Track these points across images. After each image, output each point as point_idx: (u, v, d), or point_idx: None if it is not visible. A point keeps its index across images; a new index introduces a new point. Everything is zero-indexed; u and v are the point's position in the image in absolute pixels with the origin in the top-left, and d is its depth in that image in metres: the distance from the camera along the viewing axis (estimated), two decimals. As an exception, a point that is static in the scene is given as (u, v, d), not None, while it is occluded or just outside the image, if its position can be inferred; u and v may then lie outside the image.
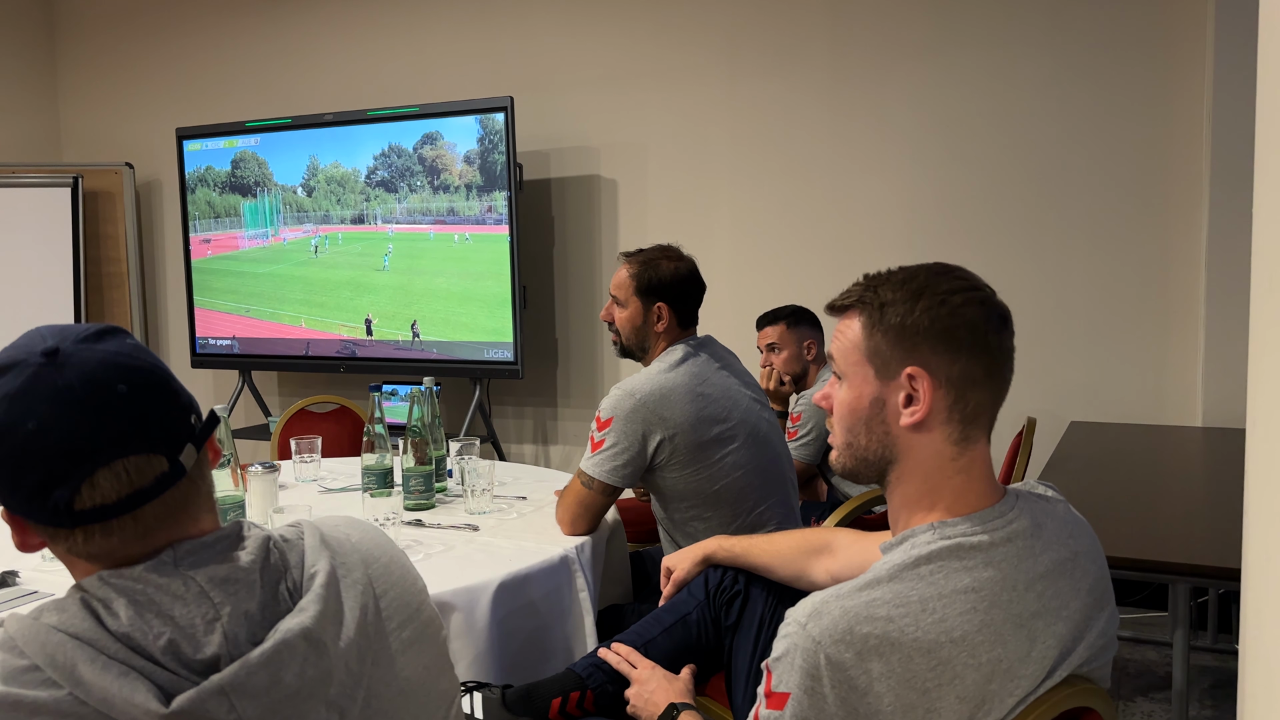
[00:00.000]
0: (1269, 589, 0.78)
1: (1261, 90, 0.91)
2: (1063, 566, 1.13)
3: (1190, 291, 3.64)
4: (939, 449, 1.12)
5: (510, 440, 4.83)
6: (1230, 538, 2.09)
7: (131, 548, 0.83)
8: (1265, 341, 0.84)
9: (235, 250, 4.94)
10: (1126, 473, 2.92)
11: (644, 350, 2.33)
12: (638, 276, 2.28)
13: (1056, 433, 3.51)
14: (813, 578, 1.60)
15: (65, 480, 0.79)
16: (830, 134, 4.12)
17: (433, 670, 0.95)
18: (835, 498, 3.22)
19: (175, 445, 0.84)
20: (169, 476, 0.83)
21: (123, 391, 0.81)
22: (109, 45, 5.54)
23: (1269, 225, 0.83)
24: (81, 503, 0.80)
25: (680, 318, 2.30)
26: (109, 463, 0.80)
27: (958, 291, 1.12)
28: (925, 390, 1.10)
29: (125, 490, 0.81)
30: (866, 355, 1.14)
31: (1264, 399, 0.85)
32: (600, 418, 2.18)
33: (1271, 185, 0.82)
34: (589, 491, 2.15)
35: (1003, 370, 1.14)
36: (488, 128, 4.29)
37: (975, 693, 1.04)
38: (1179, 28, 3.60)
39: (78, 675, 0.75)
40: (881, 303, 1.14)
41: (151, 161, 5.43)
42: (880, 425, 1.14)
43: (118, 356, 0.82)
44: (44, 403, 0.78)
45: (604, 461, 2.15)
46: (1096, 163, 3.74)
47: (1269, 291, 0.78)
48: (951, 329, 1.10)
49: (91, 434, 0.79)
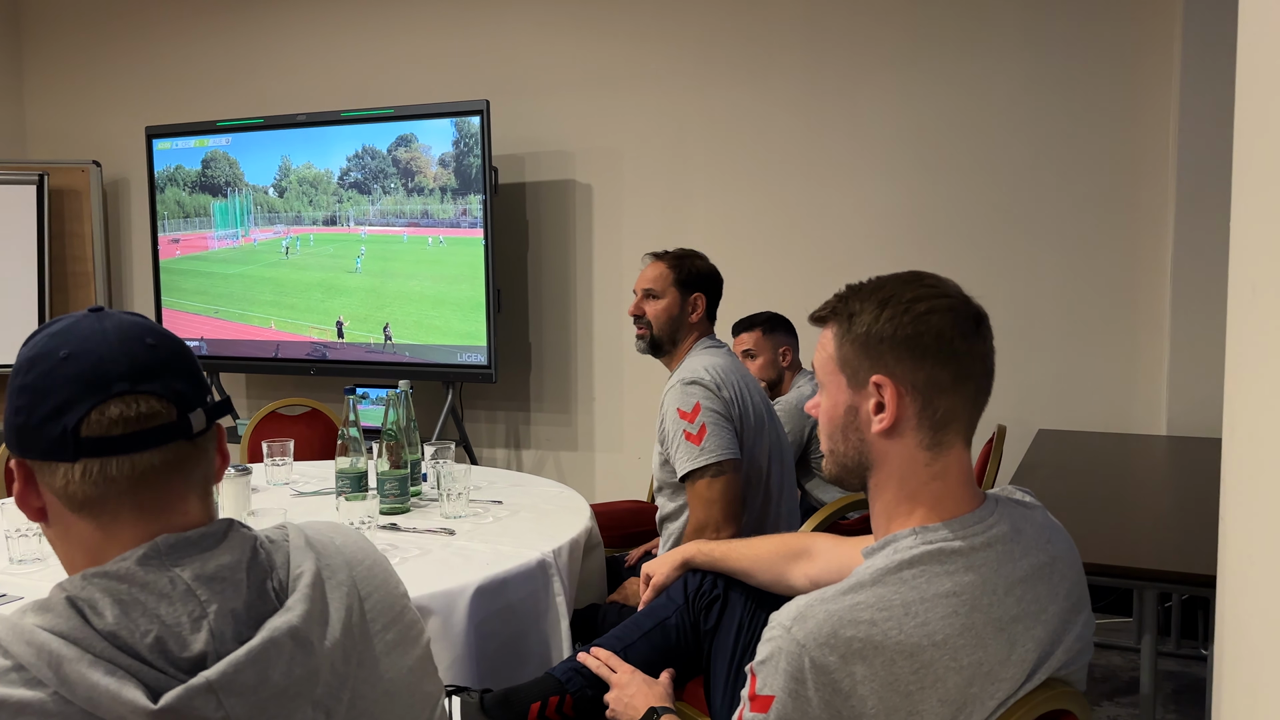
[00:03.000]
0: (1246, 593, 0.80)
1: (1240, 104, 0.93)
2: (1041, 571, 1.15)
3: (1156, 301, 3.70)
4: (912, 454, 1.14)
5: (483, 444, 4.81)
6: (1197, 544, 2.13)
7: (122, 526, 0.83)
8: (1243, 350, 0.86)
9: (205, 251, 4.89)
10: (1094, 480, 2.96)
11: (674, 344, 2.39)
12: (677, 268, 2.38)
13: (1025, 440, 3.56)
14: (791, 582, 1.61)
15: (80, 403, 0.82)
16: (804, 141, 4.15)
17: (416, 673, 0.95)
18: (809, 503, 3.24)
19: (187, 404, 0.87)
20: (174, 428, 0.85)
21: (150, 343, 0.87)
22: (77, 41, 5.47)
23: (1247, 235, 0.85)
24: (89, 428, 0.82)
25: (709, 312, 2.41)
26: (123, 395, 0.83)
27: (922, 299, 1.14)
28: (891, 398, 1.13)
29: (132, 427, 0.83)
30: (839, 365, 1.17)
31: (1242, 407, 0.86)
32: (682, 412, 2.19)
33: (1250, 195, 0.84)
34: (724, 477, 2.14)
35: (973, 375, 1.14)
36: (463, 130, 4.28)
37: (957, 695, 1.06)
38: (1147, 41, 3.66)
39: (63, 674, 0.74)
40: (850, 313, 1.16)
41: (119, 160, 5.36)
42: (855, 433, 1.16)
43: (153, 325, 0.90)
44: (78, 338, 0.85)
45: (715, 439, 2.15)
46: (1065, 173, 3.80)
47: (1249, 301, 0.80)
48: (915, 336, 1.12)
49: (114, 363, 0.84)
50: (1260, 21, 0.82)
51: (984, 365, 1.15)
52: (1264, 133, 0.78)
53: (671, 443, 2.20)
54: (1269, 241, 0.71)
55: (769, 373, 3.31)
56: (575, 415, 4.65)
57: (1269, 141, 0.75)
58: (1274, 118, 0.74)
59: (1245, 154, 0.87)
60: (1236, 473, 0.90)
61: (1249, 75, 0.87)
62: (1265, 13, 0.80)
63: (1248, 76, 0.88)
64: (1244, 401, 0.84)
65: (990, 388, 1.17)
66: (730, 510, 2.13)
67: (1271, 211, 0.71)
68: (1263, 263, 0.71)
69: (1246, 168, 0.86)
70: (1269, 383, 0.71)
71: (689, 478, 2.16)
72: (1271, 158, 0.73)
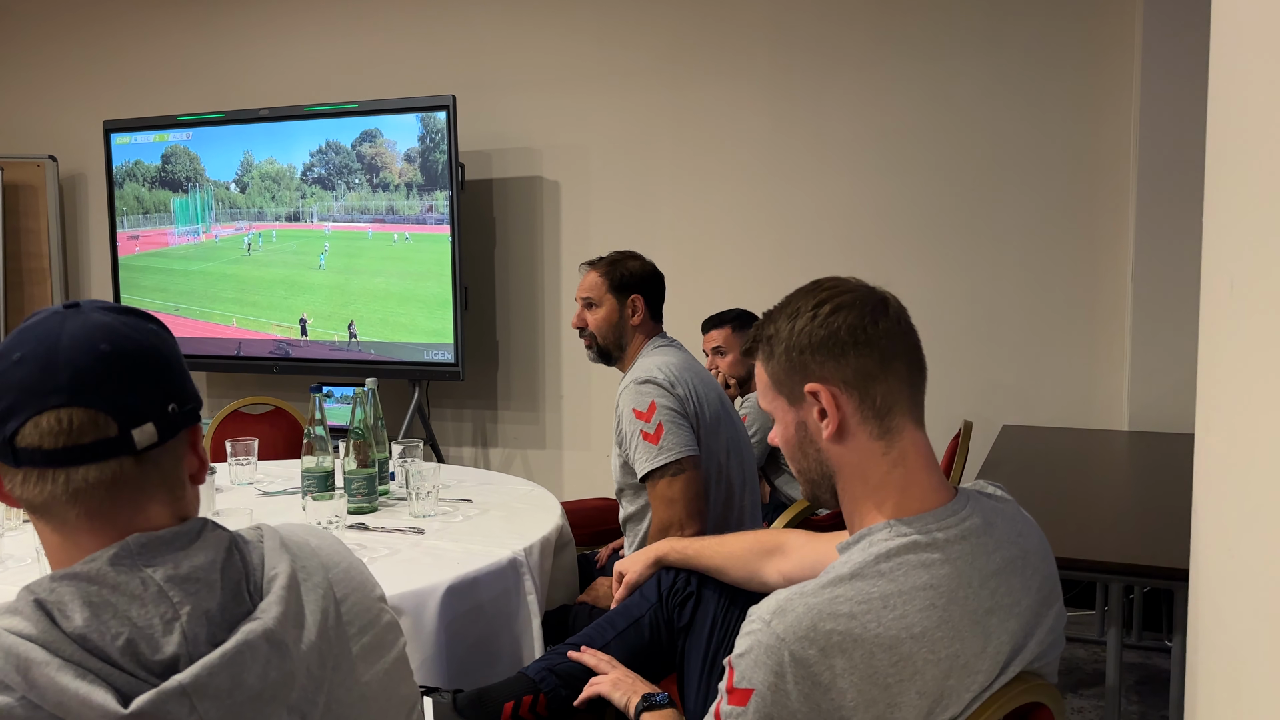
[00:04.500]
0: (1224, 585, 0.81)
1: (1213, 103, 0.94)
2: (1014, 564, 1.15)
3: (1117, 299, 3.76)
4: (867, 448, 1.15)
5: (450, 443, 4.78)
6: (1160, 537, 2.16)
7: (79, 529, 0.82)
8: (1218, 345, 0.87)
9: (165, 247, 4.81)
10: (1058, 475, 3.00)
11: (621, 349, 2.38)
12: (609, 275, 2.36)
13: (990, 436, 3.60)
14: (765, 578, 1.61)
15: (19, 412, 0.80)
16: (771, 141, 4.16)
17: (393, 676, 0.93)
18: (779, 499, 3.25)
19: (132, 417, 0.82)
20: (112, 444, 0.81)
21: (104, 350, 0.82)
22: (32, 33, 5.34)
23: (1223, 230, 0.86)
24: (24, 439, 0.80)
25: (652, 311, 2.38)
26: (56, 407, 0.80)
27: (824, 301, 1.17)
28: (828, 401, 1.15)
29: (63, 441, 0.80)
30: (775, 388, 1.20)
31: (1217, 402, 0.87)
32: (638, 412, 2.17)
33: (1226, 192, 0.85)
34: (684, 475, 2.13)
35: (898, 354, 1.16)
36: (429, 126, 4.24)
37: (934, 687, 1.06)
38: (1107, 42, 3.72)
39: (31, 678, 0.72)
40: (768, 337, 1.20)
41: (76, 154, 5.25)
42: (812, 447, 1.18)
43: (123, 326, 0.85)
44: (34, 341, 0.82)
45: (673, 437, 2.14)
46: (1027, 173, 3.85)
47: (1225, 296, 0.81)
48: (829, 337, 1.15)
49: (53, 375, 0.80)
50: (1233, 21, 0.83)
51: (905, 342, 1.17)
52: (1239, 131, 0.78)
53: (629, 444, 2.18)
54: (1247, 237, 0.72)
55: (739, 369, 3.31)
56: (543, 413, 4.63)
57: (1244, 139, 0.76)
58: (1249, 116, 0.74)
59: (1219, 151, 0.88)
60: (1211, 467, 0.91)
61: (1222, 74, 0.88)
62: (1238, 13, 0.81)
63: (1221, 75, 0.89)
64: (1220, 396, 0.85)
65: (922, 363, 1.19)
66: (693, 507, 2.13)
67: (1249, 207, 0.72)
68: (1242, 257, 0.72)
69: (1220, 165, 0.87)
70: (1247, 377, 0.72)
71: (649, 478, 2.15)
72: (1247, 155, 0.74)
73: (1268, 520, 0.64)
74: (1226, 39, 0.87)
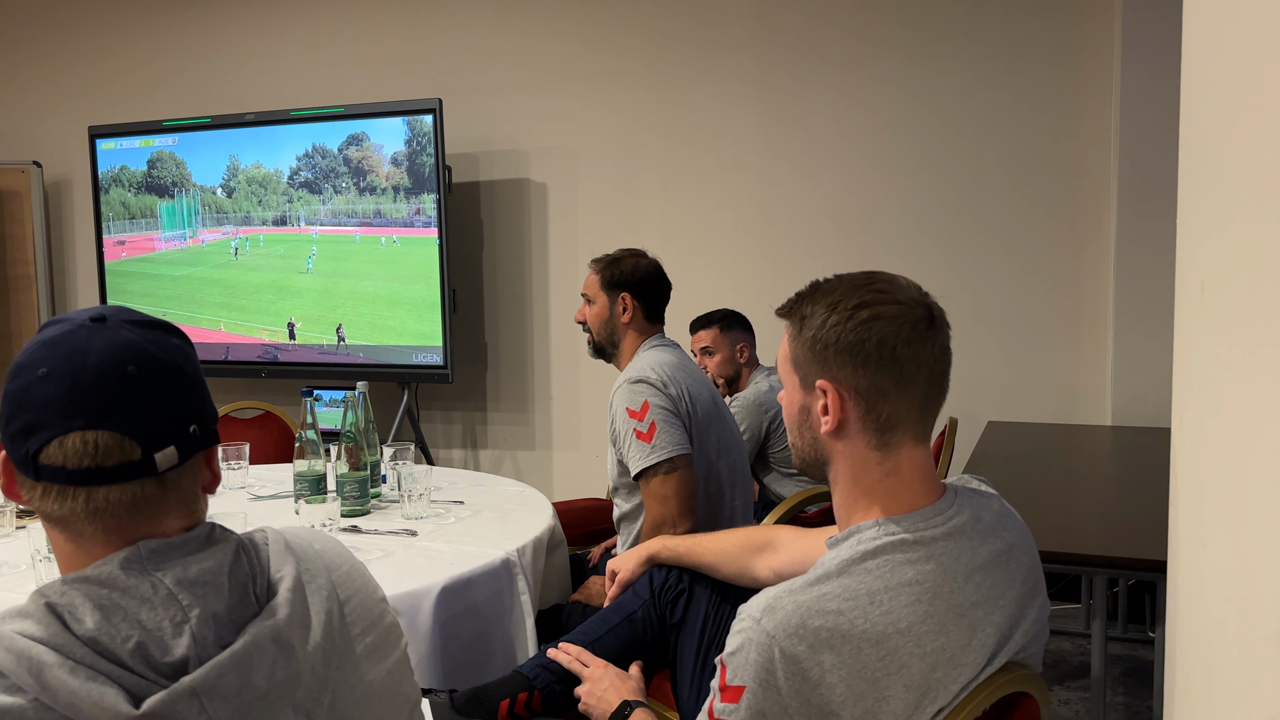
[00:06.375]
0: (1199, 575, 0.84)
1: (1185, 105, 0.97)
2: (999, 558, 1.18)
3: (1099, 296, 3.81)
4: (862, 453, 1.16)
5: (439, 445, 4.79)
6: (1143, 530, 2.20)
7: (94, 541, 0.83)
8: (1191, 343, 0.90)
9: (151, 252, 4.80)
10: (1043, 470, 3.03)
11: (614, 346, 2.41)
12: (602, 273, 2.40)
13: (975, 432, 3.63)
14: (756, 575, 1.63)
15: (43, 429, 0.81)
16: (757, 140, 4.19)
17: (395, 676, 0.95)
18: (768, 497, 3.28)
19: (156, 440, 0.83)
20: (136, 467, 0.82)
21: (131, 372, 0.83)
22: (15, 37, 5.32)
23: (1195, 234, 0.89)
24: (47, 456, 0.81)
25: (646, 310, 2.39)
26: (82, 429, 0.80)
27: (867, 305, 1.14)
28: (834, 402, 1.15)
29: (87, 462, 0.81)
30: (792, 365, 1.20)
31: (1191, 398, 0.90)
32: (631, 411, 2.19)
33: (1197, 195, 0.88)
34: (677, 473, 2.15)
35: (919, 377, 1.14)
36: (416, 129, 4.25)
37: (921, 681, 1.09)
38: (1087, 41, 3.76)
39: (44, 680, 0.74)
40: (803, 315, 1.18)
41: (61, 160, 5.24)
42: (809, 430, 1.19)
43: (149, 344, 0.85)
44: (61, 357, 0.82)
45: (666, 436, 2.16)
46: (1010, 171, 3.89)
47: (1197, 296, 0.84)
48: (858, 344, 1.13)
49: (80, 396, 0.81)
50: (1204, 22, 0.86)
51: (933, 366, 1.15)
52: (1209, 137, 0.81)
53: (623, 442, 2.22)
54: (1217, 240, 0.75)
55: (727, 369, 3.34)
56: (532, 414, 4.65)
57: (1213, 145, 0.79)
58: (1218, 123, 0.77)
59: (1191, 155, 0.91)
60: (1185, 460, 0.93)
61: (1194, 76, 0.91)
62: (1209, 14, 0.84)
63: (1192, 78, 0.92)
64: (1193, 392, 0.88)
65: (944, 387, 1.18)
66: (685, 505, 2.16)
67: (1219, 210, 0.74)
68: (1214, 261, 0.74)
69: (1193, 168, 0.90)
70: (1217, 374, 0.75)
71: (642, 476, 2.18)
72: (1216, 159, 0.77)
73: (1237, 511, 0.67)
74: (1198, 42, 0.90)
